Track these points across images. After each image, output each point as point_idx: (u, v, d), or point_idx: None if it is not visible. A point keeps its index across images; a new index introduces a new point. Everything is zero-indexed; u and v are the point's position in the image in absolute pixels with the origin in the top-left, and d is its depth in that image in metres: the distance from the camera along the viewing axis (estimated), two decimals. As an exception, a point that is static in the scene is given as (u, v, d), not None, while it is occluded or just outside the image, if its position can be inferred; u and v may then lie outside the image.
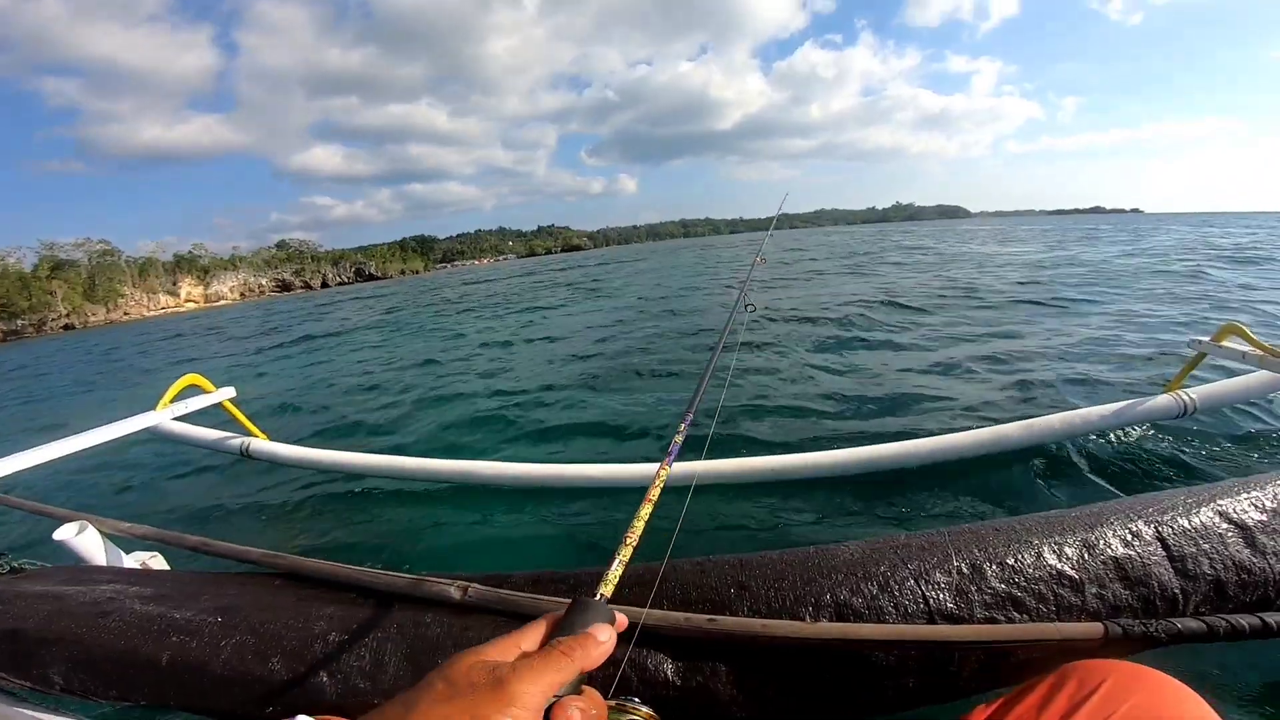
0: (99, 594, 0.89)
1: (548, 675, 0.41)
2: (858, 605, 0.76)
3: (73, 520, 1.20)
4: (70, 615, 0.86)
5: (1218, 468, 2.20)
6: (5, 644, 0.86)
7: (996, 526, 0.83)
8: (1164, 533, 0.79)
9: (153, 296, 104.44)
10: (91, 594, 0.89)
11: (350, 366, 7.25)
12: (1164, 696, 0.54)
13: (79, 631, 0.83)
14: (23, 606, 0.90)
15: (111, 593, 0.88)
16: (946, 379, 3.85)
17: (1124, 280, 8.29)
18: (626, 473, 1.92)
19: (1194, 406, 1.83)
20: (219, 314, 41.18)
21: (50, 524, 1.19)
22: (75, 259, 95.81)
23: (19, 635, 0.86)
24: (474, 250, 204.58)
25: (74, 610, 0.87)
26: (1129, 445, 2.42)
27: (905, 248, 20.28)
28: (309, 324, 15.10)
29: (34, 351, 25.34)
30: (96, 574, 0.99)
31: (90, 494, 3.59)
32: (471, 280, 30.23)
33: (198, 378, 2.33)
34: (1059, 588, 0.75)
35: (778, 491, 2.21)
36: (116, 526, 1.19)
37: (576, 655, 0.43)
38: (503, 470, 2.07)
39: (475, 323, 10.57)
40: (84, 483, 3.75)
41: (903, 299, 7.45)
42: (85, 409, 7.09)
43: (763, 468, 1.90)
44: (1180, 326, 4.98)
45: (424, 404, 4.63)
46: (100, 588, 0.91)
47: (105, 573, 1.00)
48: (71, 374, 12.08)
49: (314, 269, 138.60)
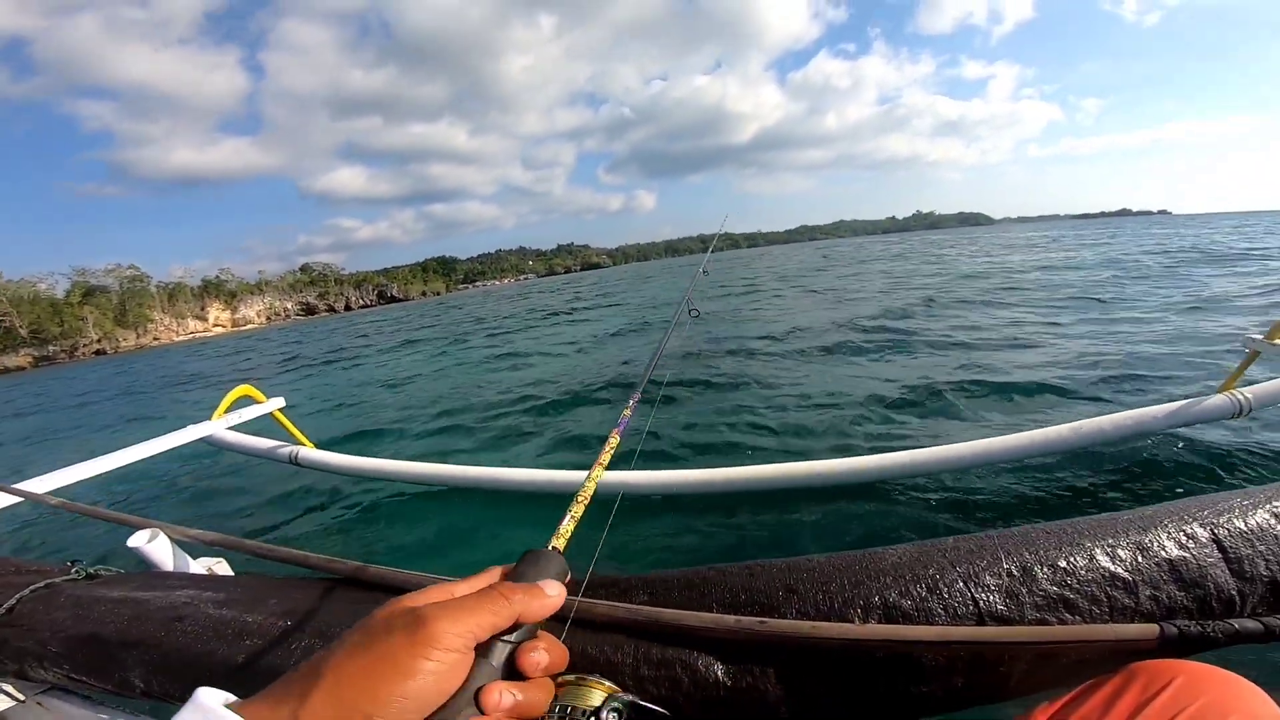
0: (175, 599, 0.93)
1: (477, 616, 0.37)
2: (906, 607, 0.76)
3: (145, 527, 1.25)
4: (149, 619, 0.90)
5: (1276, 469, 2.16)
6: (87, 648, 0.90)
7: (1046, 529, 0.83)
8: (1219, 534, 0.79)
9: (181, 321, 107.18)
10: (168, 598, 0.93)
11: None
12: (1234, 695, 0.54)
13: (159, 635, 0.87)
14: (103, 611, 0.94)
15: (186, 597, 0.92)
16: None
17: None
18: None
19: (1250, 406, 1.78)
20: (243, 339, 42.40)
21: (120, 530, 1.25)
22: (106, 285, 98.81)
23: (100, 639, 0.90)
24: (495, 270, 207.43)
25: (152, 614, 0.91)
26: (1183, 447, 2.38)
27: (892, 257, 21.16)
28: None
29: (81, 374, 26.19)
30: (170, 579, 1.04)
31: (149, 499, 3.73)
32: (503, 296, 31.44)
33: (250, 389, 2.43)
34: (1112, 589, 0.75)
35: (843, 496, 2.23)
36: (185, 533, 1.23)
37: (515, 600, 0.39)
38: (548, 478, 2.09)
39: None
40: (142, 489, 3.90)
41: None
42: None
43: (792, 473, 1.89)
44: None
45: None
46: (175, 593, 0.95)
47: (178, 578, 1.05)
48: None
49: (337, 292, 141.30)
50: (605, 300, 17.53)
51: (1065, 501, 2.14)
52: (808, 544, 2.05)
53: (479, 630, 0.37)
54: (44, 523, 3.48)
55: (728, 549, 2.12)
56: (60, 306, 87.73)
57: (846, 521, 2.16)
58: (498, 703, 0.35)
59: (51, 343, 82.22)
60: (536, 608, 0.40)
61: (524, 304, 22.95)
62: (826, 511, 2.21)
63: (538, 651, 0.38)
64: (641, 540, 2.19)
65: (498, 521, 2.47)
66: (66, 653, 0.91)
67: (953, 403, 3.49)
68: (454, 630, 0.35)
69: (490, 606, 0.38)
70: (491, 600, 0.39)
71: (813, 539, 2.08)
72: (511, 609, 0.39)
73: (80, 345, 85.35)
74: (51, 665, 0.91)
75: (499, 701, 0.35)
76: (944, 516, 2.13)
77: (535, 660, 0.38)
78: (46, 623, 0.95)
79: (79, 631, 0.92)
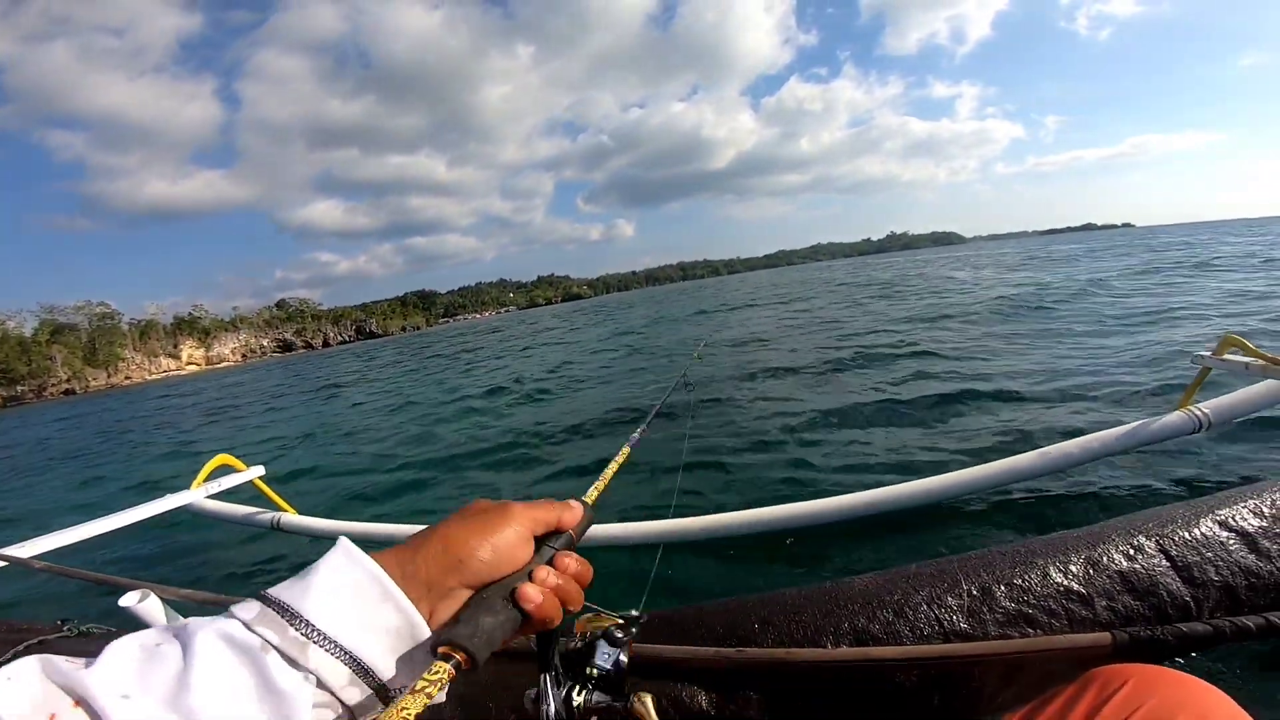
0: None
1: (537, 512, 0.52)
2: (875, 631, 0.79)
3: (134, 588, 1.24)
4: None
5: (1232, 480, 2.22)
6: None
7: (1002, 550, 0.87)
8: (1166, 545, 0.83)
9: (154, 360, 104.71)
10: None
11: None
12: (1186, 694, 0.56)
13: None
14: None
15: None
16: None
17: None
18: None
19: (1209, 421, 1.81)
20: (220, 378, 41.52)
21: (108, 590, 1.23)
22: (75, 322, 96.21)
23: None
24: (475, 304, 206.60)
25: None
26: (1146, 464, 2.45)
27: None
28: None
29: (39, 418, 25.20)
30: None
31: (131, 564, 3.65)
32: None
33: (229, 458, 2.42)
34: (1068, 602, 0.78)
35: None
36: (176, 592, 1.23)
37: (557, 508, 0.54)
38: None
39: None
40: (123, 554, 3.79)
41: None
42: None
43: (773, 517, 1.92)
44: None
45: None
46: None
47: None
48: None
49: (315, 328, 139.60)
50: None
51: (1025, 524, 2.21)
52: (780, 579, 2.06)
53: (537, 522, 0.52)
54: (22, 588, 3.38)
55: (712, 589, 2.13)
56: (28, 345, 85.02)
57: (811, 558, 2.20)
58: (544, 578, 0.49)
59: (19, 382, 79.61)
60: (569, 519, 0.55)
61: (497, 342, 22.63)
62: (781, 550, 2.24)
63: (570, 557, 0.52)
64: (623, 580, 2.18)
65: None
66: None
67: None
68: (525, 514, 0.51)
69: (545, 507, 0.54)
70: (545, 507, 0.54)
71: (781, 578, 2.10)
72: (555, 514, 0.54)
73: (49, 385, 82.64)
74: None
75: (545, 578, 0.49)
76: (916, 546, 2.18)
77: (567, 563, 0.51)
78: None
79: None
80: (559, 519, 0.54)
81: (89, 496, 6.49)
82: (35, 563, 1.50)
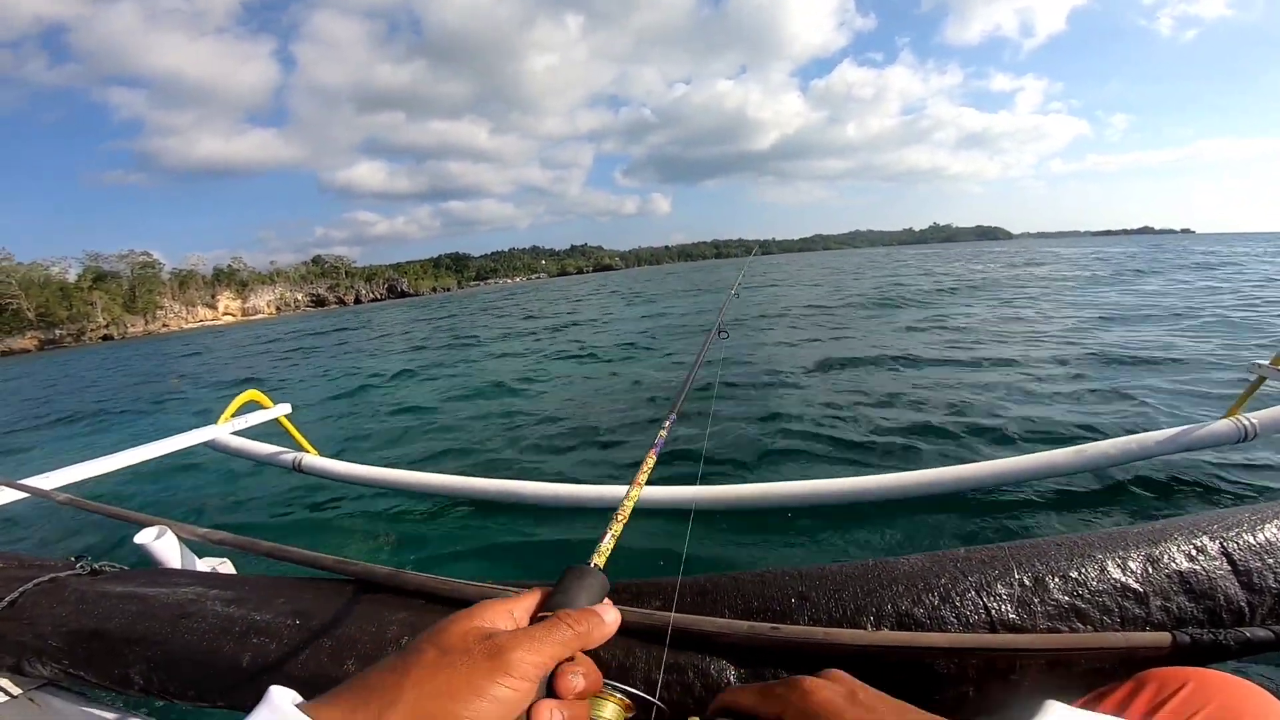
0: (181, 595, 0.92)
1: (548, 648, 0.39)
2: (919, 615, 0.77)
3: (152, 525, 1.25)
4: (154, 615, 0.89)
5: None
6: (88, 643, 0.89)
7: (1057, 541, 0.83)
8: (1229, 548, 0.79)
9: (191, 309, 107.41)
10: (174, 595, 0.93)
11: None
12: (1245, 700, 0.53)
13: (164, 631, 0.86)
14: (107, 607, 0.93)
15: (193, 595, 0.92)
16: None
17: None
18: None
19: (1255, 431, 1.76)
20: (252, 329, 42.54)
21: (125, 527, 1.25)
22: (118, 270, 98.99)
23: (103, 635, 0.89)
24: (507, 268, 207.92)
25: (157, 611, 0.90)
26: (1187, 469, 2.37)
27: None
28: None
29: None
30: (176, 576, 1.03)
31: (151, 501, 3.76)
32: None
33: (257, 394, 2.44)
34: (1123, 600, 0.75)
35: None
36: (194, 531, 1.23)
37: (580, 631, 0.42)
38: (549, 491, 2.12)
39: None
40: (144, 491, 3.92)
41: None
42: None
43: (819, 490, 1.91)
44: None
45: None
46: (182, 589, 0.94)
47: (184, 575, 1.05)
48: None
49: (347, 285, 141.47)
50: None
51: (1073, 517, 2.16)
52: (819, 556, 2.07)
53: (550, 662, 0.39)
54: (42, 521, 3.51)
55: (747, 559, 2.14)
56: (69, 290, 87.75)
57: (851, 538, 2.19)
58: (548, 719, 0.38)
59: (58, 326, 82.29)
60: (598, 637, 0.43)
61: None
62: (833, 526, 2.23)
63: (575, 675, 0.40)
64: (660, 546, 2.19)
65: (502, 530, 2.49)
66: (66, 647, 0.90)
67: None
68: (530, 660, 0.38)
69: (559, 638, 0.40)
70: (560, 631, 0.41)
71: (820, 553, 2.11)
72: (578, 641, 0.41)
73: (88, 330, 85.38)
74: (50, 660, 0.90)
75: (549, 718, 0.38)
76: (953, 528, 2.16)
77: (572, 684, 0.40)
78: (49, 617, 0.94)
79: (81, 626, 0.91)
80: (580, 647, 0.41)
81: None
82: (57, 495, 1.53)
